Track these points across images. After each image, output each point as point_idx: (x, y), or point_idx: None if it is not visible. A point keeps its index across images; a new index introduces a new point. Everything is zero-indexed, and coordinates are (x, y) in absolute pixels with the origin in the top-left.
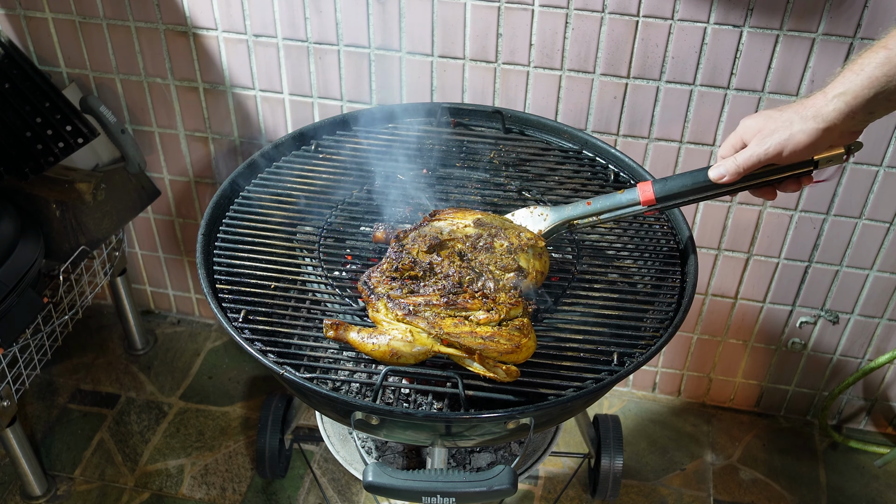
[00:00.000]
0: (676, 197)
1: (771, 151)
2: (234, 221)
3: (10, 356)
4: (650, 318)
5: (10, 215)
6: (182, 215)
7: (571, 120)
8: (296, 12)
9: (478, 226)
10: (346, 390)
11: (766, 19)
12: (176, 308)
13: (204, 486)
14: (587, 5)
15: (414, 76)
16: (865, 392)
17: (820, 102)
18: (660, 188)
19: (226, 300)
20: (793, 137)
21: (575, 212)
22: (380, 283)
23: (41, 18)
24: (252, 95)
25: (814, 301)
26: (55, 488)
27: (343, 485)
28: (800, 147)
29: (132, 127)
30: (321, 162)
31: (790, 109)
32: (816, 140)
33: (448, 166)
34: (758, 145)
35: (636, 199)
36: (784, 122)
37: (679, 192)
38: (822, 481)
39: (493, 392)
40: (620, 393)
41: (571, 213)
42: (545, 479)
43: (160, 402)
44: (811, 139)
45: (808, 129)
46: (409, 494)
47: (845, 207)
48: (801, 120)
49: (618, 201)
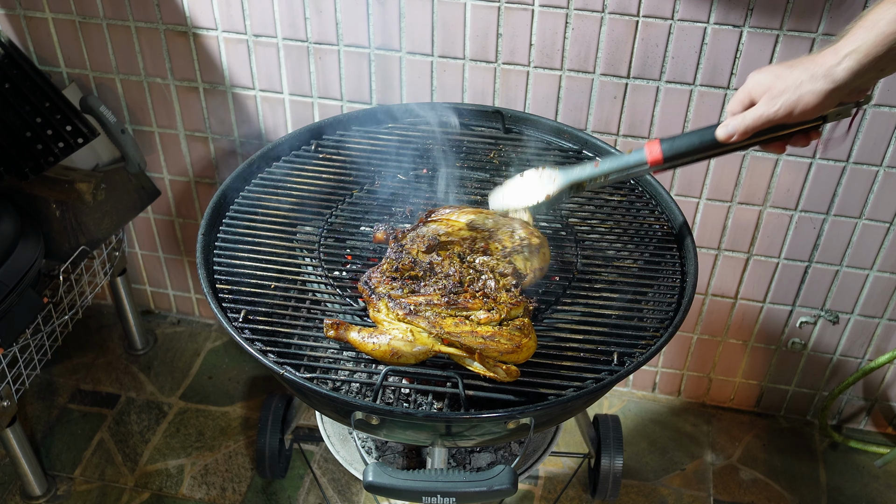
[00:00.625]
0: (684, 156)
1: (781, 112)
2: (234, 221)
3: (10, 356)
4: (650, 318)
5: (10, 215)
6: (182, 215)
7: (571, 120)
8: (296, 12)
9: (471, 228)
10: (346, 390)
11: (766, 19)
12: (176, 308)
13: (204, 486)
14: (587, 5)
15: (414, 76)
16: (865, 392)
17: (831, 61)
18: (668, 147)
19: (226, 300)
20: (802, 98)
21: (584, 173)
22: (380, 283)
23: (41, 18)
24: (252, 95)
25: (814, 301)
26: (55, 488)
27: (343, 485)
28: (809, 107)
29: (132, 127)
30: (321, 162)
31: (800, 67)
32: (826, 100)
33: (448, 166)
34: (767, 105)
35: (644, 159)
36: (793, 81)
37: (687, 151)
38: (822, 481)
39: (493, 392)
40: (620, 393)
41: (580, 175)
42: (545, 479)
43: (160, 402)
44: (820, 100)
45: (818, 89)
46: (409, 494)
47: (845, 207)
48: (810, 80)
49: (626, 161)
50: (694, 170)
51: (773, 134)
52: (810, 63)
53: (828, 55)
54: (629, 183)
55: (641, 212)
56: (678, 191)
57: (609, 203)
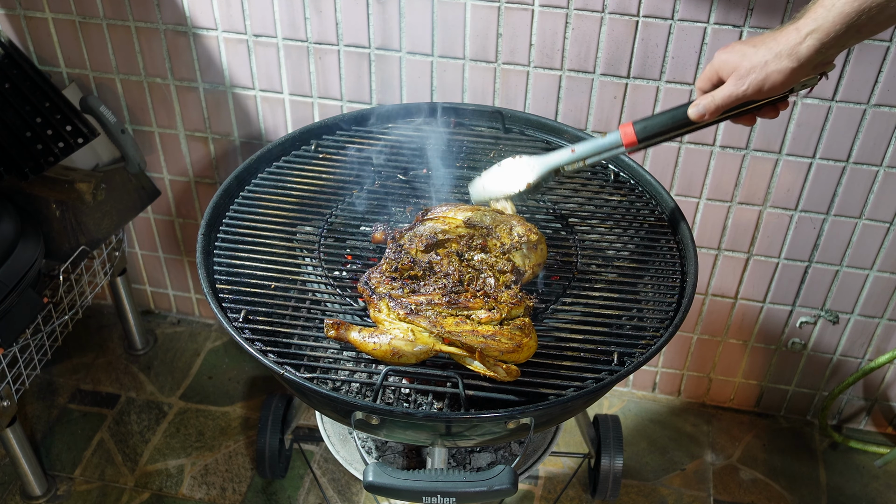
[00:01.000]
0: (657, 136)
1: (750, 91)
2: (234, 221)
3: (10, 356)
4: (650, 318)
5: (10, 215)
6: (182, 215)
7: (571, 120)
8: (296, 12)
9: (469, 226)
10: (346, 390)
11: (765, 19)
12: (176, 308)
13: (204, 486)
14: (587, 5)
15: (414, 76)
16: (865, 392)
17: (793, 39)
18: (641, 128)
19: (226, 300)
20: (769, 77)
21: (561, 159)
22: (380, 283)
23: (41, 18)
24: (252, 95)
25: (814, 301)
26: (55, 488)
27: (343, 485)
28: (776, 85)
29: (132, 127)
30: (321, 162)
31: (764, 46)
32: (791, 77)
33: (448, 166)
34: (735, 85)
35: (618, 142)
36: (759, 60)
37: (660, 132)
38: (822, 481)
39: (493, 392)
40: (620, 393)
41: (558, 160)
42: (545, 479)
43: (160, 402)
44: (786, 77)
45: (783, 67)
46: (409, 494)
47: (845, 207)
48: (775, 59)
49: (601, 145)
50: (694, 170)
51: (743, 109)
52: (773, 42)
53: (790, 33)
54: (629, 183)
55: (642, 211)
56: (678, 191)
57: (609, 203)
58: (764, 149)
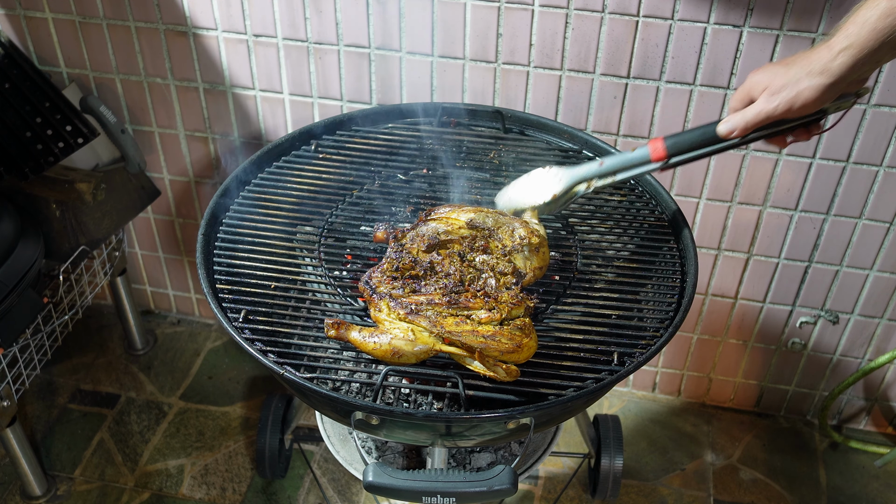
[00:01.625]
0: (687, 152)
1: (780, 109)
2: (234, 221)
3: (10, 356)
4: (650, 318)
5: (10, 215)
6: (182, 215)
7: (571, 120)
8: (296, 12)
9: (471, 227)
10: (346, 390)
11: (766, 19)
12: (176, 308)
13: (204, 486)
14: (587, 5)
15: (414, 76)
16: (865, 392)
17: (826, 57)
18: (671, 144)
19: (226, 300)
20: (801, 94)
21: (589, 172)
22: (381, 283)
23: (41, 18)
24: (252, 95)
25: (814, 301)
26: (55, 488)
27: (343, 485)
28: (808, 103)
29: (132, 127)
30: (321, 162)
31: (796, 65)
32: (824, 95)
33: (448, 166)
34: (766, 102)
35: (647, 156)
36: (791, 78)
37: (690, 147)
38: (822, 481)
39: (493, 392)
40: (620, 393)
41: (586, 173)
42: (545, 479)
43: (160, 402)
44: (819, 94)
45: (816, 84)
46: (409, 494)
47: (845, 207)
48: (808, 76)
49: (629, 159)
50: (694, 170)
51: (774, 129)
52: (806, 60)
53: (823, 51)
54: (629, 183)
55: (642, 212)
56: (678, 191)
57: (609, 203)
58: (764, 149)
